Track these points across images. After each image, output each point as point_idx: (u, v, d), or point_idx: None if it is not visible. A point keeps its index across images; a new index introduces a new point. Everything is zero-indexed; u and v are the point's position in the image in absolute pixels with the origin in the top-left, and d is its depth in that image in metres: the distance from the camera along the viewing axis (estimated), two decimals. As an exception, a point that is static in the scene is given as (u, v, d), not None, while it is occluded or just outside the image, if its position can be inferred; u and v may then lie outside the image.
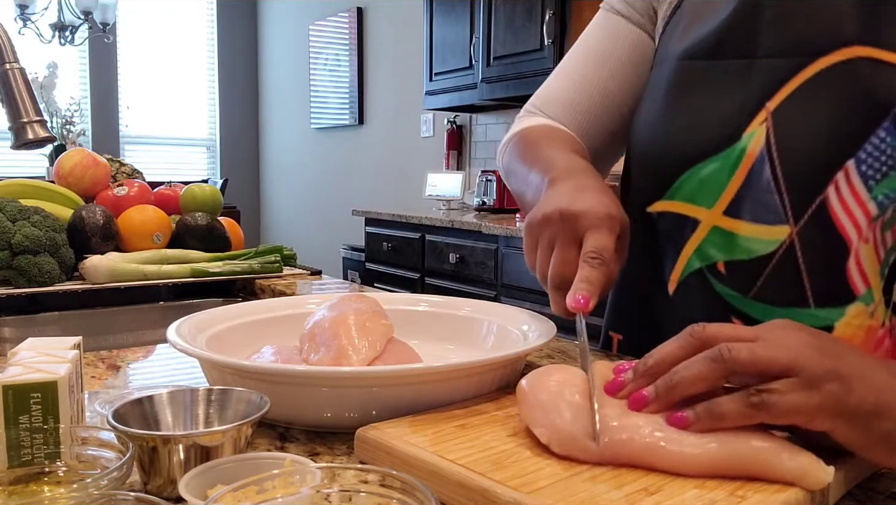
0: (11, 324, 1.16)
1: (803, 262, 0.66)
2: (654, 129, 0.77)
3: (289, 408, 0.59)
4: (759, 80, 0.68)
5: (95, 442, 0.48)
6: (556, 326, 0.71)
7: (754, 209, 0.68)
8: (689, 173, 0.72)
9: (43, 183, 1.34)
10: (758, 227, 0.68)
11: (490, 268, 3.13)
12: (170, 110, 6.16)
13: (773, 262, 0.67)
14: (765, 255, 0.68)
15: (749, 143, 0.68)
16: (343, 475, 0.40)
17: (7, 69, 0.88)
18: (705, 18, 0.74)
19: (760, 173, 0.67)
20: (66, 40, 4.99)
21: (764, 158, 0.67)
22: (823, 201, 0.64)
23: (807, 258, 0.66)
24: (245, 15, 6.47)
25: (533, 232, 0.67)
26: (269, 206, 6.57)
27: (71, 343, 0.58)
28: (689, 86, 0.74)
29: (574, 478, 0.46)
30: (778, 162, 0.67)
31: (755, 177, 0.68)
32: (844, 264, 0.64)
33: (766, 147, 0.67)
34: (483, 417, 0.57)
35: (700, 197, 0.71)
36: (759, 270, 0.68)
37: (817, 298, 0.66)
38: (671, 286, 0.76)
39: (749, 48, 0.70)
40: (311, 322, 0.71)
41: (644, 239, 0.78)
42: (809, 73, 0.66)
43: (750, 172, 0.68)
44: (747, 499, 0.44)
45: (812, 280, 0.66)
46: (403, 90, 4.78)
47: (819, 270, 0.65)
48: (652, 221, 0.77)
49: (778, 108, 0.67)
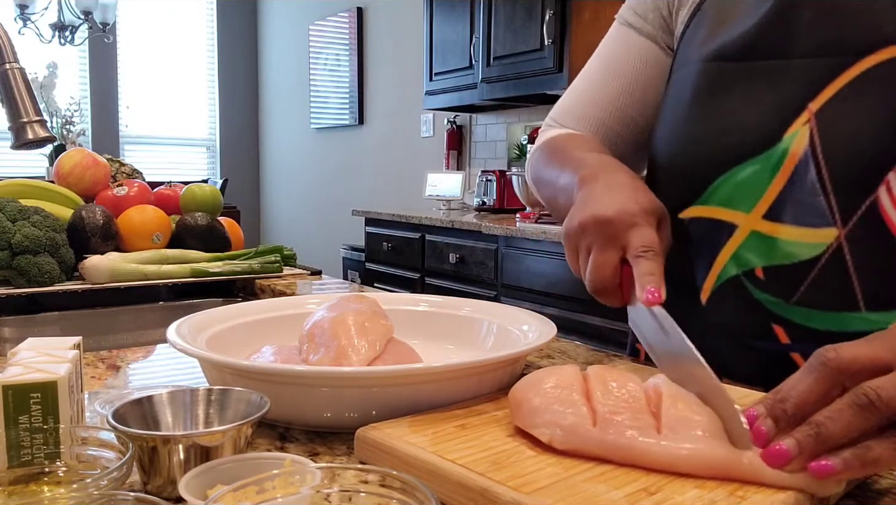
0: (11, 324, 1.16)
1: (853, 264, 0.64)
2: (683, 133, 0.75)
3: (289, 408, 0.59)
4: (799, 81, 0.67)
5: (95, 442, 0.48)
6: (557, 326, 0.71)
7: (797, 212, 0.66)
8: (724, 177, 0.70)
9: (43, 183, 1.34)
10: (801, 231, 0.66)
11: (490, 268, 3.13)
12: (170, 110, 6.16)
13: (819, 265, 0.65)
14: (809, 259, 0.66)
15: (791, 144, 0.66)
16: (343, 475, 0.40)
17: (7, 69, 0.88)
18: (734, 20, 0.73)
19: (805, 175, 0.66)
20: (66, 40, 4.99)
21: (808, 160, 0.65)
22: (874, 202, 0.63)
23: (857, 261, 0.64)
24: (245, 15, 6.47)
25: (571, 241, 0.66)
26: (269, 206, 6.57)
27: (71, 343, 0.58)
28: (719, 88, 0.72)
29: (574, 478, 0.46)
30: (824, 163, 0.65)
31: (799, 179, 0.66)
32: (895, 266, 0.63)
33: (811, 148, 0.65)
34: (483, 417, 0.57)
35: (737, 201, 0.70)
36: (803, 274, 0.66)
37: (869, 301, 0.64)
38: (704, 294, 0.74)
39: (785, 49, 0.68)
40: (311, 322, 0.71)
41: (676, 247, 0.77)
42: (854, 73, 0.65)
43: (793, 174, 0.66)
44: (747, 499, 0.44)
45: (862, 283, 0.64)
46: (403, 90, 4.78)
47: (871, 272, 0.64)
48: (683, 228, 0.75)
49: (822, 109, 0.65)
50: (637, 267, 0.60)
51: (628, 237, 0.62)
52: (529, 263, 2.90)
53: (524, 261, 2.93)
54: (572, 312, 2.70)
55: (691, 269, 0.75)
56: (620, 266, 0.63)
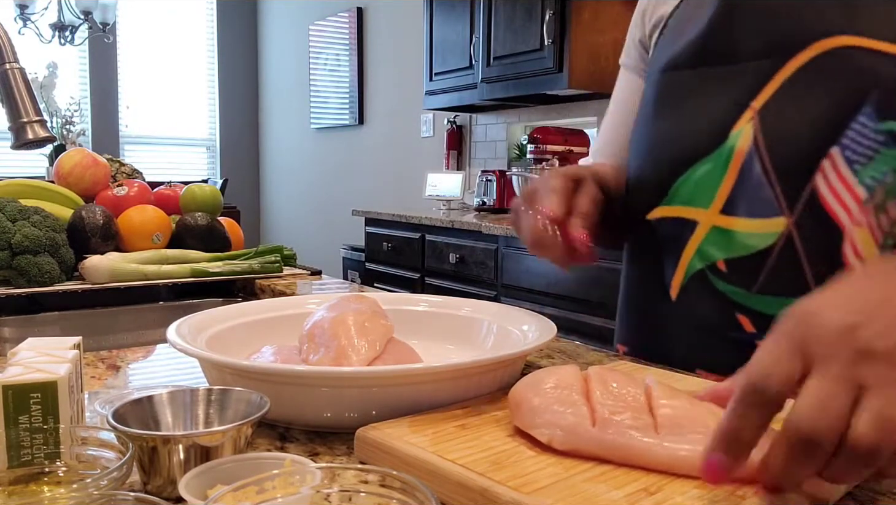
0: (11, 324, 1.16)
1: (803, 250, 0.67)
2: (646, 141, 0.80)
3: (289, 408, 0.59)
4: (744, 82, 0.70)
5: (95, 442, 0.48)
6: (557, 326, 0.71)
7: (749, 205, 0.69)
8: (683, 177, 0.74)
9: (43, 183, 1.34)
10: (754, 222, 0.69)
11: (490, 268, 3.13)
12: (170, 110, 6.16)
13: (774, 254, 0.68)
14: (764, 248, 0.69)
15: (737, 141, 0.70)
16: (343, 475, 0.40)
17: (7, 69, 0.88)
18: (687, 30, 0.77)
19: (751, 169, 0.69)
20: (66, 40, 4.99)
21: (753, 154, 0.69)
22: (814, 189, 0.66)
23: (805, 246, 0.67)
24: (245, 15, 6.47)
25: None
26: (269, 206, 6.57)
27: (71, 343, 0.58)
28: (675, 96, 0.77)
29: (574, 478, 0.46)
30: (767, 156, 0.68)
31: (746, 173, 0.69)
32: (840, 249, 0.65)
33: (755, 143, 0.69)
34: (483, 417, 0.57)
35: (697, 199, 0.73)
36: (761, 263, 0.69)
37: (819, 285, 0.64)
38: (674, 291, 0.76)
39: (730, 52, 0.72)
40: (311, 322, 0.71)
41: (647, 248, 0.80)
42: (791, 68, 0.68)
43: (741, 169, 0.70)
44: (747, 499, 0.44)
45: (812, 268, 0.67)
46: (403, 90, 4.78)
47: (818, 256, 0.66)
48: (653, 229, 0.78)
49: (764, 106, 0.69)
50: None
51: None
52: (529, 263, 2.90)
53: (524, 261, 2.93)
54: (572, 312, 2.70)
55: (662, 267, 0.78)
56: None
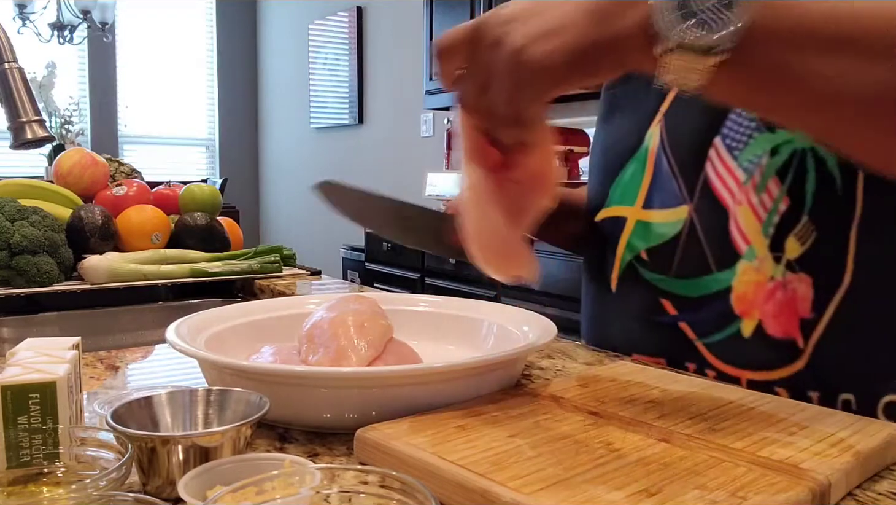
0: (10, 324, 1.16)
1: (702, 233, 0.75)
2: (594, 154, 0.91)
3: (288, 408, 0.58)
4: (655, 95, 0.80)
5: (94, 443, 0.48)
6: (557, 326, 0.71)
7: (662, 197, 0.78)
8: (616, 180, 0.83)
9: (42, 183, 1.34)
10: (665, 212, 0.78)
11: (489, 268, 3.13)
12: (169, 110, 6.16)
13: (682, 239, 0.76)
14: (673, 235, 0.77)
15: (650, 142, 0.80)
16: (343, 476, 0.40)
17: (6, 69, 0.88)
18: None
19: (661, 165, 0.78)
20: (65, 40, 4.99)
21: (661, 152, 0.78)
22: (706, 177, 0.75)
23: (703, 229, 0.75)
24: (244, 14, 6.47)
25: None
26: (269, 206, 6.57)
27: (70, 343, 0.58)
28: (611, 111, 0.87)
29: (574, 479, 0.46)
30: (670, 151, 0.78)
31: (658, 169, 0.79)
32: (727, 228, 0.73)
33: (661, 142, 0.78)
34: (483, 418, 0.56)
35: (626, 197, 0.82)
36: (673, 249, 0.77)
37: (716, 262, 0.74)
38: (613, 284, 0.84)
39: None
40: (310, 323, 0.71)
41: (595, 248, 0.88)
42: None
43: (655, 166, 0.79)
44: (748, 499, 0.44)
45: (710, 247, 0.74)
46: (403, 90, 4.78)
47: (712, 237, 0.74)
48: (599, 230, 0.87)
49: (668, 110, 0.79)
50: None
51: None
52: (529, 262, 2.89)
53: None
54: (572, 312, 2.69)
55: (605, 263, 0.85)
56: None
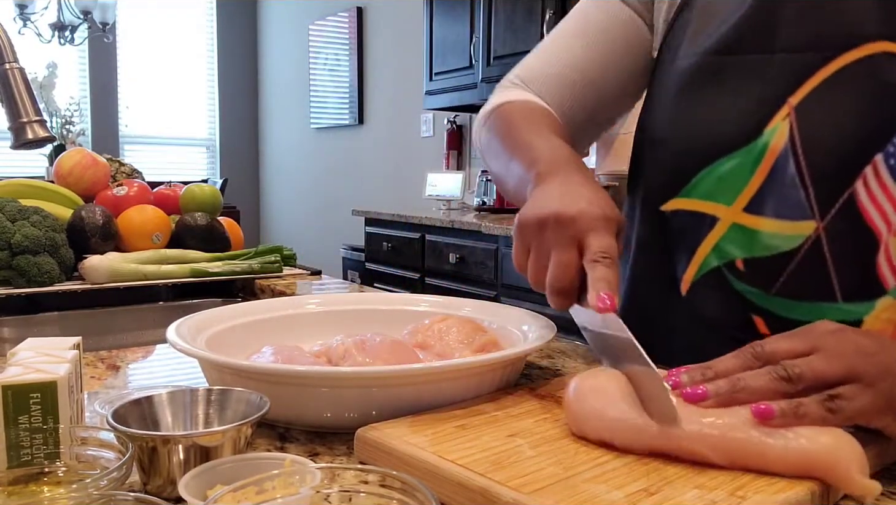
0: (11, 324, 1.16)
1: (830, 256, 0.66)
2: (669, 127, 0.76)
3: (288, 408, 0.59)
4: (779, 76, 0.68)
5: (95, 442, 0.48)
6: (556, 326, 0.71)
7: (777, 205, 0.68)
8: (707, 170, 0.71)
9: (42, 183, 1.34)
10: (781, 223, 0.68)
11: (490, 268, 3.13)
12: (169, 110, 6.16)
13: (798, 257, 0.67)
14: (788, 250, 0.67)
15: (772, 138, 0.67)
16: (343, 476, 0.40)
17: (7, 69, 0.88)
18: (720, 16, 0.73)
19: (785, 168, 0.67)
20: (66, 40, 4.99)
21: (788, 154, 0.67)
22: (852, 195, 0.64)
23: (834, 252, 0.65)
24: (245, 14, 6.47)
25: (526, 236, 0.65)
26: (269, 206, 6.57)
27: (70, 343, 0.58)
28: (705, 82, 0.73)
29: (574, 478, 0.46)
30: (803, 157, 0.66)
31: (779, 172, 0.67)
32: (874, 258, 0.64)
33: (790, 142, 0.67)
34: (483, 417, 0.57)
35: (719, 194, 0.71)
36: (782, 266, 0.68)
37: (845, 292, 0.66)
38: (684, 286, 0.75)
39: (767, 43, 0.69)
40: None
41: (654, 238, 0.78)
42: (833, 68, 0.66)
43: (773, 168, 0.68)
44: (747, 499, 0.44)
45: (839, 274, 0.66)
46: (403, 90, 4.78)
47: (847, 263, 0.65)
48: (664, 220, 0.76)
49: (801, 103, 0.66)
50: (593, 271, 0.59)
51: (588, 239, 0.61)
52: (529, 262, 2.90)
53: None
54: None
55: (672, 261, 0.76)
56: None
